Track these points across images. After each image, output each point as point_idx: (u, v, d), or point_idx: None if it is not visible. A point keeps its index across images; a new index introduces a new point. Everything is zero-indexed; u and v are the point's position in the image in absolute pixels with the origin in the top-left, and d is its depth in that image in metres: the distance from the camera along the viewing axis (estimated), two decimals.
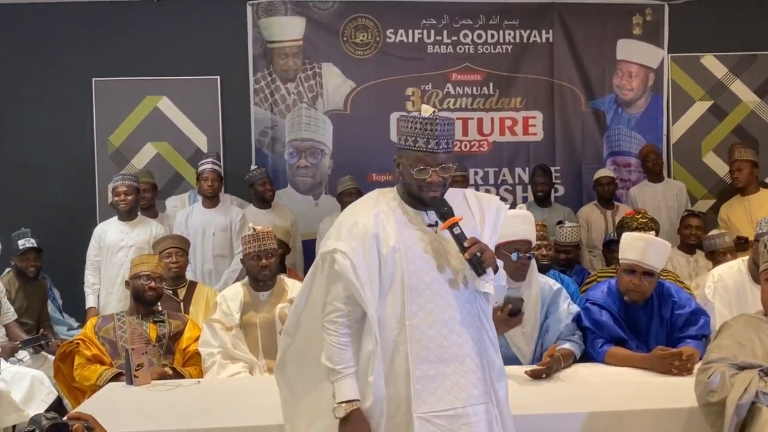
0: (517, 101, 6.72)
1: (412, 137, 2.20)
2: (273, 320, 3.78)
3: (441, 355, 2.19)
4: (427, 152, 2.19)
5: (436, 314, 2.20)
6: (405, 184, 2.27)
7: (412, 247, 2.22)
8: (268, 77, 6.56)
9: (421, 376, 2.17)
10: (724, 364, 2.46)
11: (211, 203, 5.58)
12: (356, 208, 2.32)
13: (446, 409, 2.18)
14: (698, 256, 5.25)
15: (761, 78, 6.77)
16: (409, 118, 2.22)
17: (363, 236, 2.19)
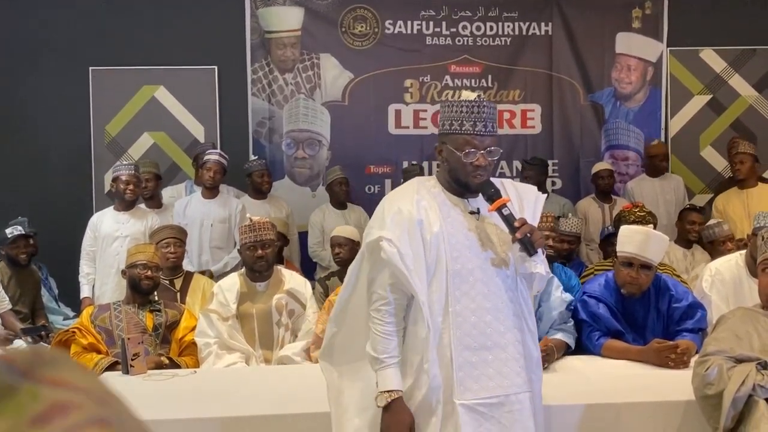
0: (516, 94, 6.70)
1: (458, 121, 2.19)
2: (269, 311, 3.77)
3: (484, 342, 2.19)
4: (474, 135, 2.19)
5: (479, 301, 2.20)
6: (450, 170, 2.25)
7: (455, 234, 2.21)
8: (266, 67, 6.54)
9: (464, 363, 2.16)
10: (722, 357, 2.46)
11: (210, 194, 5.55)
12: (397, 195, 2.29)
13: (489, 397, 2.17)
14: (695, 250, 5.25)
15: (760, 72, 6.77)
16: (454, 102, 2.23)
17: (407, 223, 2.17)
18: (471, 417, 2.14)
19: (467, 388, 2.16)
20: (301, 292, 3.88)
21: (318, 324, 3.72)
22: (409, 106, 6.63)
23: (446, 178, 2.29)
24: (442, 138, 2.26)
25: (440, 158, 2.28)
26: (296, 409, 2.70)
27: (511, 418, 2.18)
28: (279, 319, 3.77)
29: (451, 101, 2.25)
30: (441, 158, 2.28)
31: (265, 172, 5.89)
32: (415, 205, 2.20)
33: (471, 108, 2.19)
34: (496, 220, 2.25)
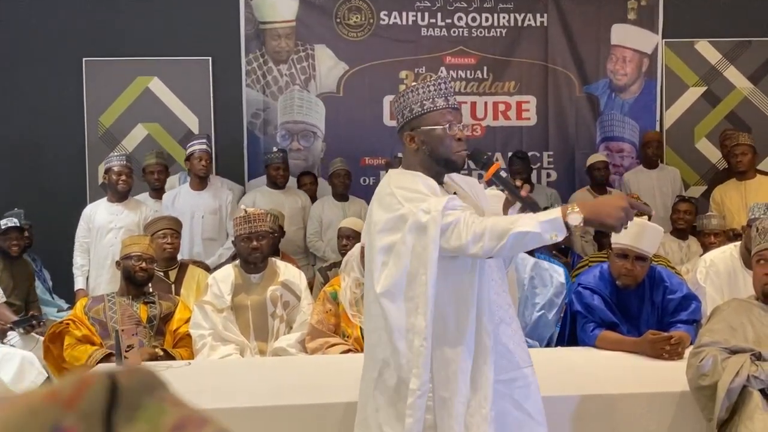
0: (511, 85, 6.69)
1: (429, 100, 2.17)
2: (264, 302, 3.77)
3: (500, 317, 2.18)
4: (449, 108, 2.18)
5: (487, 276, 2.15)
6: (432, 152, 2.18)
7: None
8: (261, 59, 6.51)
9: (487, 337, 2.12)
10: (716, 348, 2.47)
11: (200, 185, 5.53)
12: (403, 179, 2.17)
13: (501, 375, 2.14)
14: (690, 242, 5.26)
15: (755, 64, 6.76)
16: (419, 85, 2.20)
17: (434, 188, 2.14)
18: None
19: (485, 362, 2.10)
20: (296, 284, 3.87)
21: (313, 315, 3.72)
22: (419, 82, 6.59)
23: (424, 166, 2.21)
24: (412, 124, 2.19)
25: (412, 147, 2.20)
26: (291, 400, 2.70)
27: (522, 394, 2.17)
28: (274, 310, 3.77)
29: (414, 85, 2.21)
30: (414, 146, 2.20)
31: (282, 165, 5.87)
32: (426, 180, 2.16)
33: (438, 85, 2.19)
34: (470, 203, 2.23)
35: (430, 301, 2.04)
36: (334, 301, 3.70)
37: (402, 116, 2.23)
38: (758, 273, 2.51)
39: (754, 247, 2.56)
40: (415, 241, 2.05)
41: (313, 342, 3.64)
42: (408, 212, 2.06)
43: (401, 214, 2.08)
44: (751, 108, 6.77)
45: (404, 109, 2.21)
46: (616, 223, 1.99)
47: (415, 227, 2.05)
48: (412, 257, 2.06)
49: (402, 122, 2.23)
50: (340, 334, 3.64)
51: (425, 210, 2.03)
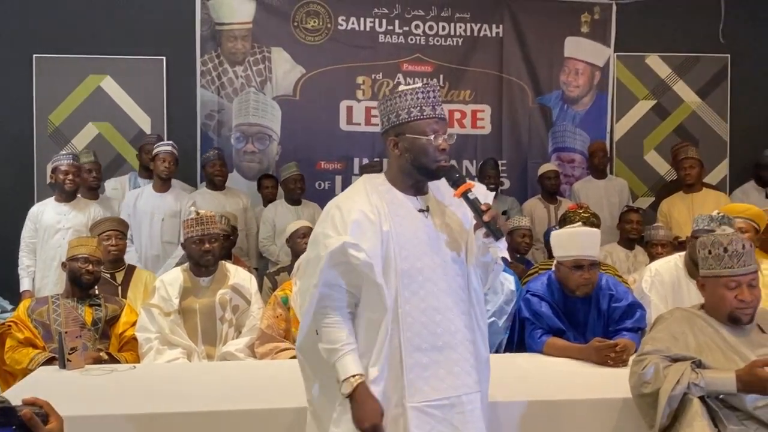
0: (467, 94, 6.75)
1: (416, 108, 2.17)
2: (213, 306, 3.72)
3: (434, 343, 2.15)
4: (436, 118, 2.18)
5: (429, 300, 2.16)
6: (414, 160, 2.19)
7: (404, 232, 2.17)
8: (216, 59, 6.45)
9: (414, 364, 2.13)
10: (658, 356, 2.51)
11: (163, 187, 5.44)
12: (348, 196, 2.24)
13: (440, 399, 2.14)
14: (637, 252, 5.37)
15: (704, 79, 6.94)
16: (407, 91, 2.19)
17: (368, 224, 2.14)
18: (421, 420, 2.11)
19: (418, 389, 2.12)
20: (246, 288, 3.83)
21: (263, 320, 3.68)
22: (361, 102, 6.62)
23: (405, 173, 2.23)
24: (397, 130, 2.20)
25: (395, 152, 2.22)
26: (239, 405, 2.66)
27: (462, 420, 2.15)
28: (223, 314, 3.72)
29: (403, 90, 2.19)
30: (396, 152, 2.21)
31: (218, 163, 5.82)
32: (367, 205, 2.17)
33: (427, 93, 2.18)
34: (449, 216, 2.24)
35: (303, 326, 2.22)
36: (285, 306, 3.68)
37: (387, 120, 2.22)
38: (727, 297, 2.53)
39: (719, 268, 2.56)
40: (312, 270, 2.17)
41: (262, 347, 3.61)
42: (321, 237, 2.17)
43: (317, 236, 2.20)
44: (699, 122, 6.95)
45: (390, 113, 2.21)
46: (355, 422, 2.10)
47: (316, 257, 2.16)
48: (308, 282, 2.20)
49: (387, 126, 2.23)
50: (291, 339, 3.61)
51: (326, 245, 2.13)
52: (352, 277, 2.13)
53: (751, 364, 2.39)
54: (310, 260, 2.22)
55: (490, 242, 2.17)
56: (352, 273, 2.12)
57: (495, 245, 2.19)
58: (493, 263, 2.30)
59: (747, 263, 2.52)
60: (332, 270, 2.11)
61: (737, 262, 2.51)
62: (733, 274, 2.52)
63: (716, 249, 2.55)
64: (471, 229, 2.24)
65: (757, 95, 6.95)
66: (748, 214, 3.88)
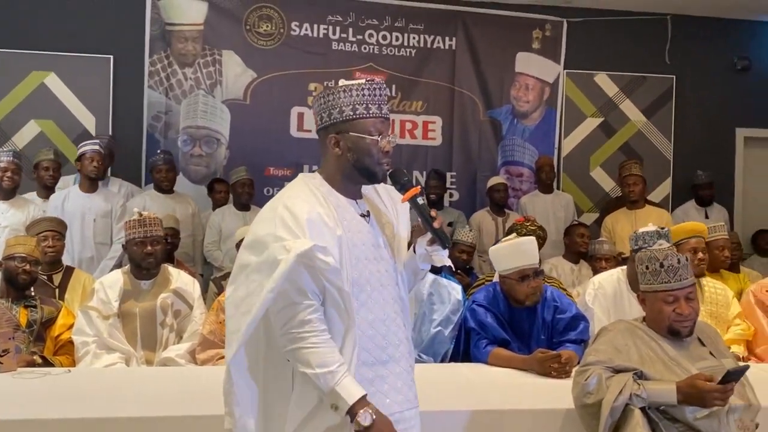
0: (418, 105, 6.77)
1: (362, 105, 2.00)
2: (154, 310, 3.63)
3: (379, 356, 2.02)
4: (382, 118, 2.03)
5: (376, 311, 2.03)
6: (357, 160, 2.03)
7: (353, 239, 2.01)
8: (165, 60, 6.34)
9: (361, 380, 1.94)
10: (601, 367, 2.53)
11: (91, 187, 5.28)
12: (294, 195, 2.01)
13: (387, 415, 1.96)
14: (582, 266, 5.44)
15: (649, 99, 7.12)
16: (352, 86, 2.01)
17: (323, 227, 1.95)
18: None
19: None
20: (188, 292, 3.75)
21: (205, 325, 3.61)
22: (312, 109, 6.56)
23: (345, 173, 2.06)
24: (339, 127, 2.02)
25: (335, 151, 2.03)
26: (177, 411, 2.59)
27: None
28: (164, 319, 3.64)
29: (347, 86, 2.01)
30: (337, 150, 2.03)
31: (166, 168, 5.70)
32: (321, 207, 1.98)
33: (373, 90, 2.02)
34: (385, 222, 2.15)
35: (243, 336, 1.93)
36: None
37: (328, 115, 2.02)
38: (666, 310, 2.56)
39: (656, 283, 2.59)
40: (265, 275, 1.90)
41: (203, 353, 3.53)
42: (272, 240, 1.92)
43: (266, 239, 1.94)
44: (644, 141, 7.11)
45: (332, 109, 2.01)
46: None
47: (271, 261, 1.90)
48: (257, 288, 1.91)
49: (327, 122, 2.03)
50: None
51: (287, 248, 1.88)
52: (318, 284, 1.93)
53: (692, 377, 2.42)
54: (252, 265, 1.95)
55: (435, 250, 2.09)
56: (318, 279, 1.92)
57: (440, 253, 2.11)
58: (424, 273, 2.24)
59: (683, 277, 2.56)
60: (302, 274, 1.89)
61: (673, 277, 2.55)
62: (669, 288, 2.55)
63: (653, 264, 2.58)
64: (402, 235, 2.16)
65: (701, 116, 7.15)
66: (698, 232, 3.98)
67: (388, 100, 2.14)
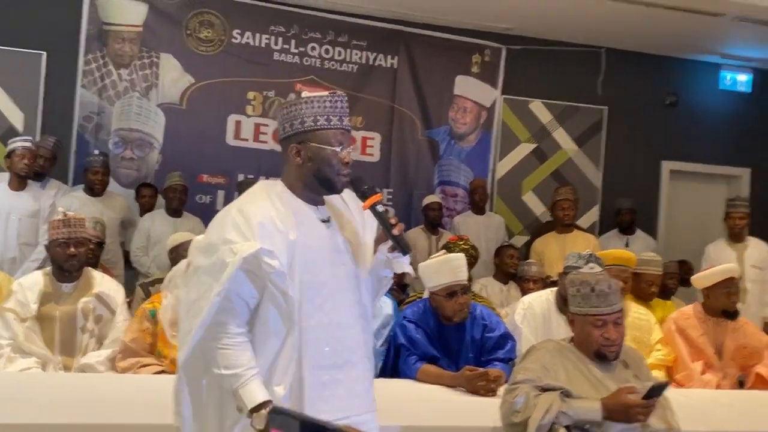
0: (358, 120, 6.78)
1: (324, 116, 2.05)
2: (75, 314, 3.51)
3: (335, 360, 2.04)
4: (343, 129, 2.08)
5: (333, 315, 2.05)
6: (318, 170, 2.07)
7: (309, 243, 2.04)
8: (100, 60, 6.18)
9: (315, 383, 1.99)
10: (529, 385, 2.55)
11: (19, 185, 5.09)
12: (249, 200, 2.06)
13: (340, 419, 1.99)
14: (510, 287, 5.52)
15: (581, 128, 7.31)
16: (314, 98, 2.07)
17: (274, 231, 1.98)
18: None
19: (318, 410, 1.96)
20: (112, 297, 3.64)
21: (127, 332, 3.50)
22: (250, 118, 6.51)
23: (305, 182, 2.10)
24: (300, 137, 2.07)
25: (296, 160, 2.08)
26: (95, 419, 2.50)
27: None
28: (84, 324, 3.52)
29: (309, 97, 2.08)
30: (298, 160, 2.08)
31: (101, 171, 5.54)
32: (274, 211, 2.02)
33: (335, 103, 2.08)
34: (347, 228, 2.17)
35: (193, 339, 1.96)
36: (153, 319, 3.50)
37: (291, 126, 2.08)
38: (594, 334, 2.60)
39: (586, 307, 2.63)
40: (214, 278, 1.94)
41: (124, 361, 3.43)
42: (222, 243, 1.96)
43: (217, 242, 1.98)
44: (574, 168, 7.30)
45: (294, 119, 2.07)
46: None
47: (219, 263, 1.94)
48: (207, 291, 1.95)
49: (290, 132, 2.09)
50: (156, 355, 3.45)
51: (234, 251, 1.93)
52: (258, 287, 1.98)
53: (616, 392, 2.48)
54: (202, 268, 2.00)
55: (396, 256, 2.13)
56: (258, 283, 1.97)
57: (400, 260, 2.14)
58: (389, 280, 2.27)
59: (612, 302, 2.61)
60: (242, 278, 1.94)
61: (603, 302, 2.60)
62: (599, 313, 2.60)
63: (584, 288, 2.63)
64: (366, 242, 2.19)
65: (629, 147, 7.39)
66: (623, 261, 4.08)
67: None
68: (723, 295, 3.99)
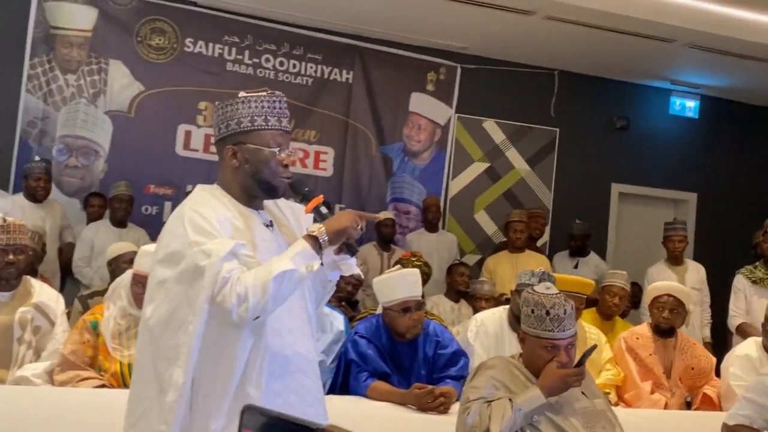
0: (312, 134, 6.72)
1: (261, 116, 1.97)
2: (11, 325, 3.35)
3: (287, 367, 1.95)
4: (282, 131, 2.00)
5: (283, 321, 1.96)
6: (255, 173, 1.99)
7: (256, 248, 1.95)
8: (47, 64, 6.00)
9: (268, 393, 1.88)
10: (479, 402, 2.52)
11: None
12: (198, 200, 1.96)
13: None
14: (462, 305, 5.50)
15: (533, 149, 7.38)
16: (251, 97, 1.99)
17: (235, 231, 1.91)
18: None
19: None
20: (51, 307, 3.49)
21: (67, 344, 3.35)
22: (201, 128, 6.39)
23: (243, 185, 2.02)
24: (236, 138, 1.99)
25: (232, 162, 2.00)
26: None
27: None
28: (21, 335, 3.36)
29: (246, 97, 1.99)
30: (234, 162, 2.00)
31: (43, 177, 5.38)
32: (229, 212, 1.95)
33: (273, 103, 2.00)
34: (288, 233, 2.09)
35: (193, 354, 1.84)
36: (94, 332, 3.36)
37: (226, 126, 2.00)
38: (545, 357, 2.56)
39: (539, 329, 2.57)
40: (188, 285, 1.85)
41: (62, 374, 3.27)
42: (188, 248, 1.86)
43: (181, 248, 1.87)
44: (526, 188, 7.35)
45: (230, 120, 1.99)
46: (352, 225, 1.94)
47: (192, 269, 1.84)
48: (183, 300, 1.85)
49: (225, 133, 2.00)
50: (97, 368, 3.31)
51: (206, 252, 1.83)
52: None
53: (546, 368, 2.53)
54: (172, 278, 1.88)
55: (343, 259, 2.05)
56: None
57: (348, 261, 2.07)
58: (333, 285, 2.20)
59: (567, 327, 2.56)
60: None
61: (557, 326, 2.55)
62: (552, 337, 2.56)
63: (539, 310, 2.58)
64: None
65: (580, 169, 7.47)
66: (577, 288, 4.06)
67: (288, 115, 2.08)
68: (656, 311, 4.08)
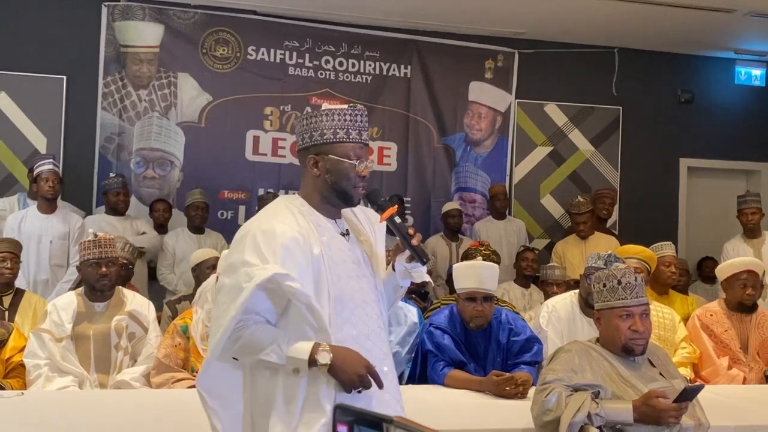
0: (374, 131, 6.84)
1: (343, 129, 2.07)
2: (108, 333, 3.59)
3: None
4: (361, 143, 2.10)
5: (360, 326, 2.07)
6: (335, 183, 2.09)
7: (333, 256, 2.06)
8: (119, 82, 6.29)
9: (347, 395, 1.96)
10: (561, 385, 2.58)
11: (49, 208, 5.15)
12: (270, 216, 2.06)
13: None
14: (532, 290, 5.54)
15: (597, 129, 7.32)
16: (335, 110, 2.09)
17: (296, 248, 1.98)
18: None
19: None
20: (143, 315, 3.71)
21: (160, 348, 3.56)
22: (268, 133, 6.60)
23: (323, 194, 2.12)
24: (319, 149, 2.09)
25: (313, 171, 2.10)
26: None
27: None
28: (118, 342, 3.59)
29: (330, 110, 2.09)
30: (316, 171, 2.10)
31: (122, 191, 5.64)
32: (297, 226, 2.03)
33: (355, 116, 2.10)
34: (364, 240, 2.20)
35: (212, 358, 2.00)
36: (184, 335, 3.57)
37: (310, 137, 2.10)
38: (621, 327, 2.62)
39: (613, 300, 2.65)
40: (230, 299, 1.96)
41: (158, 376, 3.49)
42: (240, 266, 1.97)
43: (236, 264, 1.99)
44: (592, 169, 7.31)
45: (314, 131, 2.09)
46: (347, 383, 1.96)
47: (236, 287, 1.95)
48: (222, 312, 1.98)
49: (309, 144, 2.11)
50: (189, 369, 3.51)
51: (250, 275, 1.93)
52: (279, 303, 2.00)
53: (646, 394, 2.49)
54: (225, 288, 2.00)
55: (414, 267, 2.16)
56: (278, 300, 1.99)
57: (419, 269, 2.17)
58: (404, 290, 2.30)
59: (639, 294, 2.65)
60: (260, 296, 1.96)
61: (630, 294, 2.63)
62: (626, 304, 2.63)
63: (611, 282, 2.66)
64: (379, 254, 2.23)
65: (646, 146, 7.38)
66: (643, 255, 4.10)
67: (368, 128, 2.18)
68: (739, 287, 4.03)
